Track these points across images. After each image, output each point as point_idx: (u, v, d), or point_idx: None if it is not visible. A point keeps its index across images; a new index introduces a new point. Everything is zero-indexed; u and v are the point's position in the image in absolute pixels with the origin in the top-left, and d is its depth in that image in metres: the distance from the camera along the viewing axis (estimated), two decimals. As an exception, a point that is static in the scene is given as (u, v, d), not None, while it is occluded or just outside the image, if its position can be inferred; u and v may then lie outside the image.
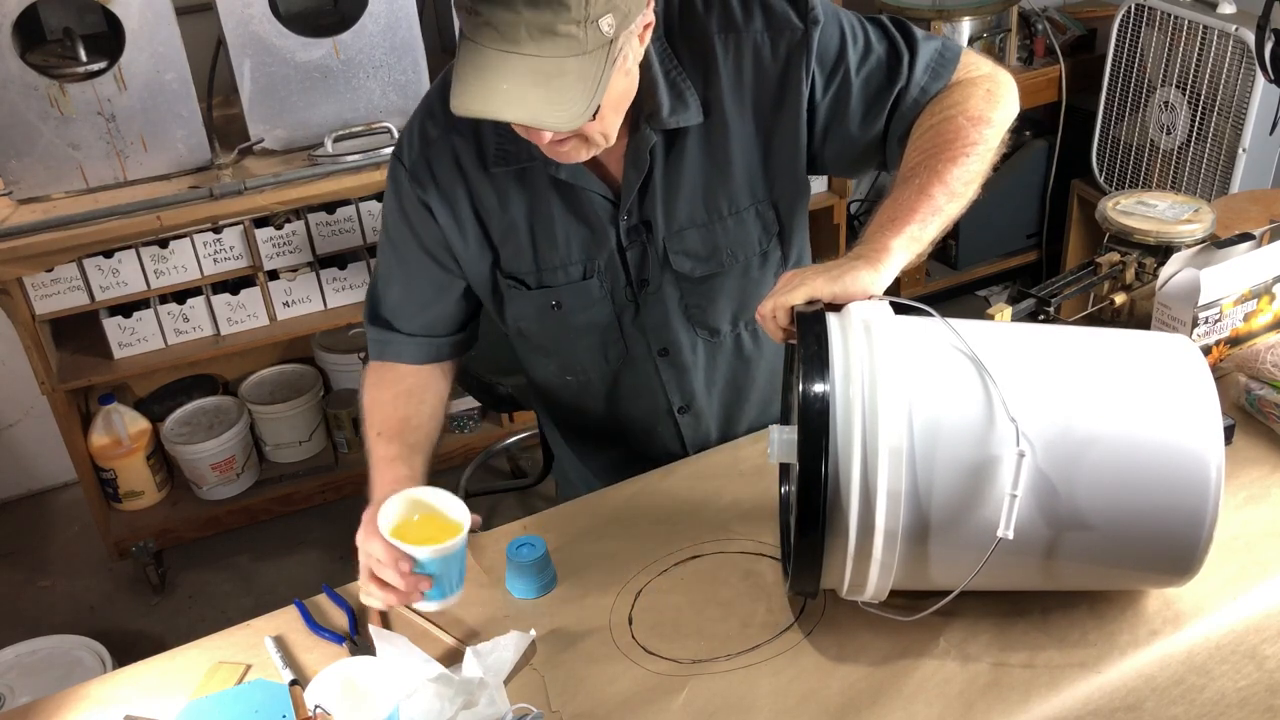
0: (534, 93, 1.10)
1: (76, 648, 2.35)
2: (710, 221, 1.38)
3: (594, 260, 1.40)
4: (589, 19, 1.09)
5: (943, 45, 1.35)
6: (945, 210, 1.21)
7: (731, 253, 1.41)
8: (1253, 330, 1.50)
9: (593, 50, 1.11)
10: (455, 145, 1.34)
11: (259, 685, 1.20)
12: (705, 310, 1.45)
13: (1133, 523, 1.06)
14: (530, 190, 1.36)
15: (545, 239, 1.38)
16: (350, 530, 1.23)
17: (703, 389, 1.52)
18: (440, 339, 1.47)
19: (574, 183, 1.34)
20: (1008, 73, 1.36)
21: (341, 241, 2.60)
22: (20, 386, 2.81)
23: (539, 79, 1.10)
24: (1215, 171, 2.79)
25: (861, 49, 1.32)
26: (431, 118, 1.36)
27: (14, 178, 2.31)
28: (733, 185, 1.37)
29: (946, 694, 1.11)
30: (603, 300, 1.42)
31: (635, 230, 1.38)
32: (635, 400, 1.53)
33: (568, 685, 1.16)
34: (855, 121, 1.34)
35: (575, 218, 1.37)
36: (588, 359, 1.49)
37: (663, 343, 1.47)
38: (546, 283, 1.41)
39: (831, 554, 1.07)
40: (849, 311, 1.10)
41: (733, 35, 1.31)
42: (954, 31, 2.91)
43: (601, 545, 1.35)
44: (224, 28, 2.32)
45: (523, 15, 1.07)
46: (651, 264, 1.40)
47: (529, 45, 1.09)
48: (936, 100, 1.32)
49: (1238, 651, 1.17)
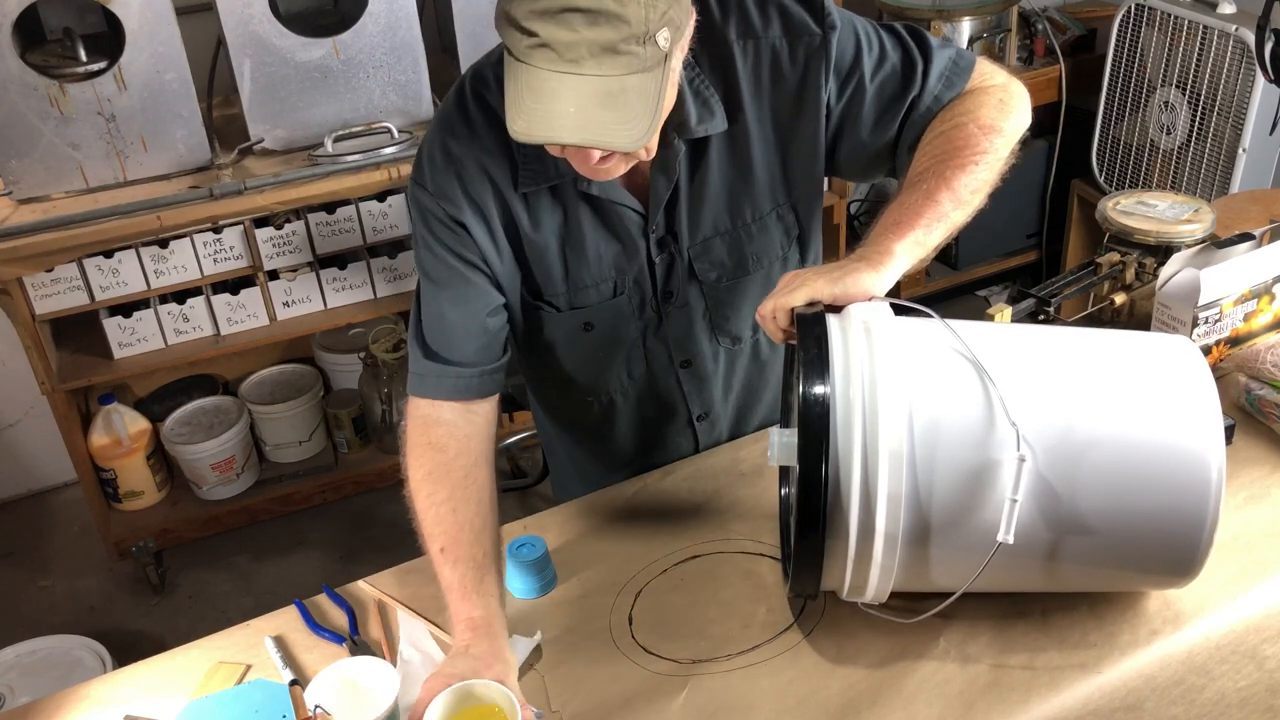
0: (601, 114, 1.07)
1: (76, 648, 2.34)
2: (735, 228, 1.37)
3: (624, 275, 1.38)
4: (649, 35, 1.06)
5: (957, 54, 1.34)
6: (951, 217, 1.21)
7: (756, 258, 1.40)
8: (1253, 330, 1.50)
9: (651, 67, 1.08)
10: (483, 162, 1.29)
11: (259, 685, 1.20)
12: (729, 318, 1.44)
13: (1133, 524, 1.06)
14: (561, 208, 1.33)
15: (577, 258, 1.35)
16: (350, 530, 1.23)
17: (720, 396, 1.52)
18: (486, 368, 1.36)
19: (606, 197, 1.31)
20: (1021, 84, 1.35)
21: (341, 241, 2.60)
22: (20, 386, 2.81)
23: (603, 99, 1.07)
24: (1215, 171, 2.78)
25: (876, 56, 1.32)
26: (453, 135, 1.30)
27: (14, 178, 2.31)
28: (756, 191, 1.36)
29: (946, 694, 1.11)
30: (631, 316, 1.41)
31: (663, 242, 1.36)
32: (655, 413, 1.52)
33: (568, 685, 1.16)
34: (867, 128, 1.33)
35: (607, 233, 1.35)
36: (613, 378, 1.47)
37: (686, 354, 1.46)
38: (578, 304, 1.38)
39: (831, 556, 1.07)
40: (849, 313, 1.10)
41: (751, 41, 1.30)
42: (954, 31, 2.90)
43: (601, 545, 1.35)
44: (224, 28, 2.32)
45: (583, 35, 1.04)
46: (678, 275, 1.39)
47: (589, 65, 1.05)
48: (949, 107, 1.31)
49: (1238, 651, 1.17)
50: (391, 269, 2.68)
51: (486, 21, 2.48)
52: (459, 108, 1.30)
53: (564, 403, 1.55)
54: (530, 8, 1.05)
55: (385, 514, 2.81)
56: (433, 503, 1.27)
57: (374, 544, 2.71)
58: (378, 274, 2.67)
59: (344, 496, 2.86)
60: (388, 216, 2.60)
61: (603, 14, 1.04)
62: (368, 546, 2.72)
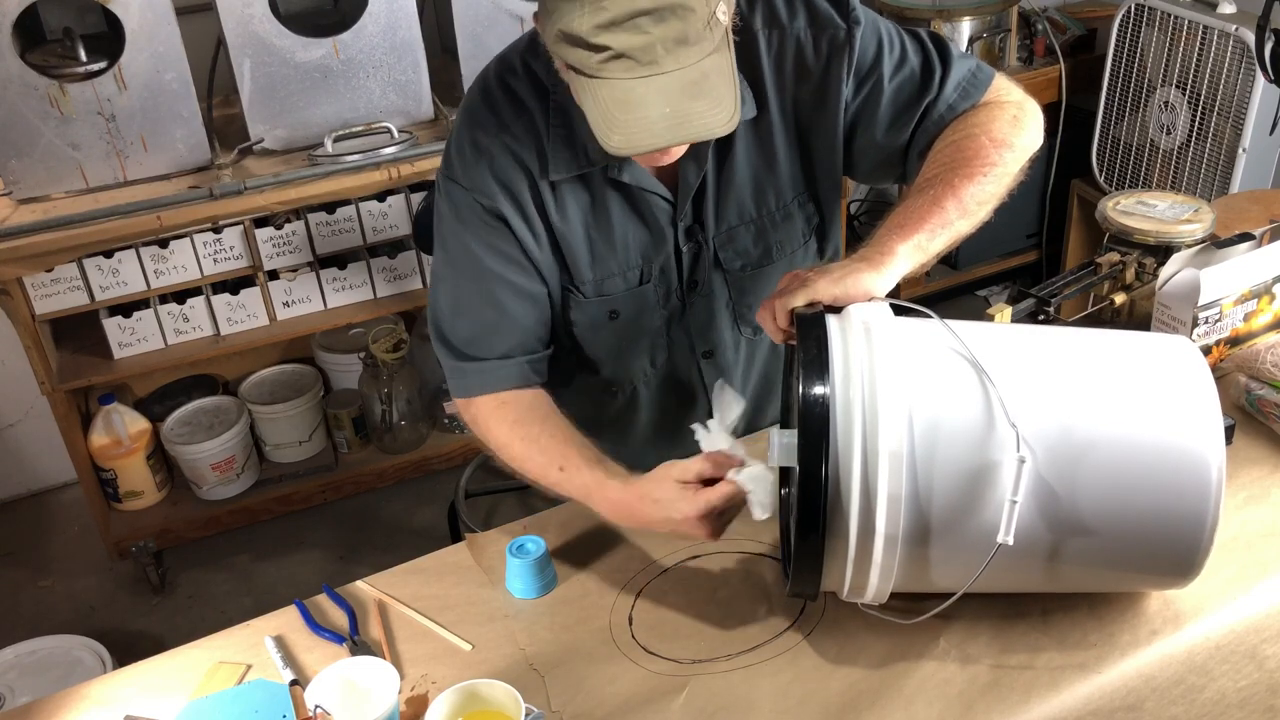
0: (695, 106, 1.07)
1: (76, 648, 2.34)
2: (760, 217, 1.38)
3: (651, 264, 1.38)
4: (712, 15, 1.07)
5: (977, 66, 1.35)
6: (955, 225, 1.21)
7: (779, 246, 1.41)
8: (1253, 330, 1.50)
9: (720, 45, 1.09)
10: (513, 149, 1.29)
11: (259, 685, 1.20)
12: (751, 307, 1.44)
13: (1134, 525, 1.06)
14: (590, 196, 1.33)
15: (604, 245, 1.36)
16: (350, 530, 1.23)
17: (739, 387, 1.52)
18: (529, 358, 1.36)
19: (637, 185, 1.31)
20: (1036, 104, 1.35)
21: (341, 241, 2.60)
22: (20, 386, 2.81)
23: (690, 91, 1.07)
24: (1215, 171, 2.78)
25: (897, 58, 1.32)
26: (480, 126, 1.30)
27: (14, 178, 2.31)
28: (780, 180, 1.37)
29: (946, 694, 1.11)
30: (656, 305, 1.41)
31: (691, 231, 1.37)
32: (675, 403, 1.52)
33: (568, 685, 1.16)
34: (881, 129, 1.34)
35: (636, 221, 1.35)
36: (636, 368, 1.48)
37: (708, 344, 1.46)
38: (604, 291, 1.38)
39: (831, 557, 1.07)
40: (849, 314, 1.10)
41: (776, 31, 1.30)
42: (954, 31, 2.90)
43: (601, 545, 1.35)
44: (224, 28, 2.32)
45: (654, 34, 1.04)
46: (704, 264, 1.40)
47: (668, 62, 1.05)
48: (962, 117, 1.32)
49: (1238, 651, 1.17)
50: (391, 269, 2.68)
51: (486, 21, 2.48)
52: (484, 98, 1.31)
53: (587, 392, 1.54)
54: (594, 22, 1.04)
55: (385, 514, 2.81)
56: (529, 436, 1.30)
57: (374, 544, 2.71)
58: (378, 274, 2.67)
59: (344, 496, 2.86)
60: (388, 216, 2.60)
61: (668, 9, 1.04)
62: (368, 546, 2.72)
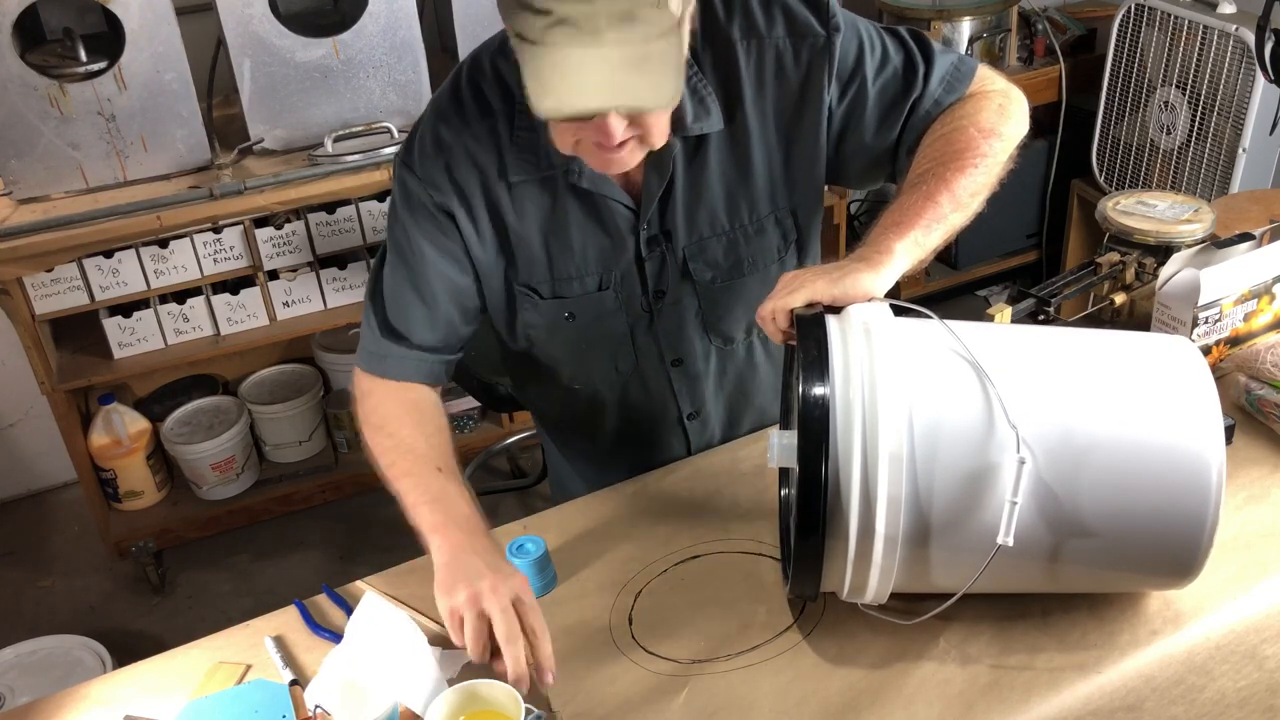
0: (629, 78, 1.06)
1: (76, 648, 2.35)
2: (732, 229, 1.37)
3: (611, 271, 1.37)
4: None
5: (959, 59, 1.35)
6: (949, 219, 1.21)
7: (752, 260, 1.39)
8: (1253, 330, 1.50)
9: (667, 32, 1.08)
10: (471, 150, 1.30)
11: (259, 685, 1.20)
12: (722, 319, 1.44)
13: (1134, 525, 1.06)
14: (549, 200, 1.33)
15: (561, 249, 1.36)
16: (350, 530, 1.23)
17: (712, 395, 1.51)
18: (445, 357, 1.40)
19: (596, 191, 1.31)
20: (1020, 91, 1.36)
21: (341, 241, 2.60)
22: (20, 386, 2.81)
23: (629, 65, 1.06)
24: (1215, 171, 2.78)
25: (879, 59, 1.32)
26: (445, 122, 1.31)
27: (14, 178, 2.31)
28: (754, 193, 1.36)
29: (946, 694, 1.11)
30: (617, 312, 1.41)
31: (655, 240, 1.36)
32: (644, 409, 1.52)
33: (568, 685, 1.16)
34: (869, 131, 1.34)
35: (595, 227, 1.35)
36: (597, 370, 1.47)
37: (677, 353, 1.46)
38: (561, 293, 1.38)
39: (831, 558, 1.07)
40: (848, 314, 1.10)
41: (754, 41, 1.30)
42: (954, 32, 2.91)
43: (601, 545, 1.35)
44: (224, 28, 2.32)
45: (599, 6, 1.04)
46: (670, 274, 1.39)
47: (610, 34, 1.04)
48: (949, 110, 1.32)
49: (1238, 651, 1.17)
50: (391, 269, 2.67)
51: (486, 21, 2.48)
52: (453, 95, 1.32)
53: (550, 394, 1.55)
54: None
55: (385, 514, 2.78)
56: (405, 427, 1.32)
57: (374, 544, 2.71)
58: (378, 274, 2.67)
59: (344, 496, 2.86)
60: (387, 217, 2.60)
61: None
62: (368, 546, 2.72)
